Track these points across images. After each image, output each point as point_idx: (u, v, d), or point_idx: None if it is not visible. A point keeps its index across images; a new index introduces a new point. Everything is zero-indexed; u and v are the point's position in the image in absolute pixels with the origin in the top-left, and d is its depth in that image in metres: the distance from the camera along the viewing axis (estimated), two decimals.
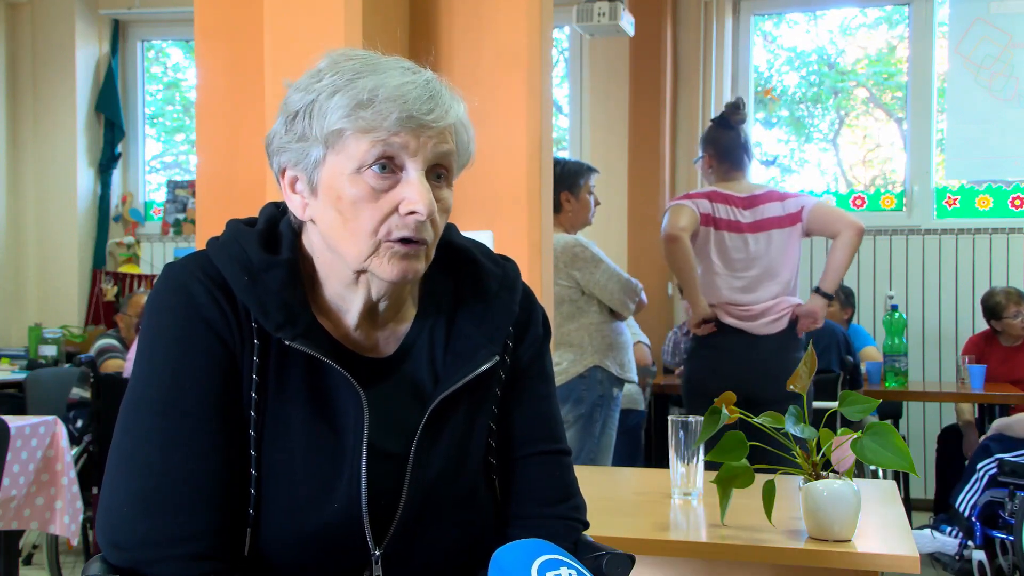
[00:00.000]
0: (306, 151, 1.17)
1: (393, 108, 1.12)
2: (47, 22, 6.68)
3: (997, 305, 5.00)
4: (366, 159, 1.14)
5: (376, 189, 1.14)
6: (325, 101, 1.14)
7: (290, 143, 1.18)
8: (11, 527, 3.13)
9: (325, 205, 1.17)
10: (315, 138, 1.15)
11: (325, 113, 1.14)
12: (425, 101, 1.14)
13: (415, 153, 1.14)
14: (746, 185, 3.65)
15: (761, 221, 3.56)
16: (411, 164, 1.15)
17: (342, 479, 1.16)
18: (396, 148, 1.14)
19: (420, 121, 1.13)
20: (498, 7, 2.59)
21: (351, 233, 1.15)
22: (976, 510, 3.91)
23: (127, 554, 1.11)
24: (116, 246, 6.90)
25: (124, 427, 1.15)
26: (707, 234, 3.57)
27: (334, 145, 1.15)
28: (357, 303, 1.21)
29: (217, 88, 2.76)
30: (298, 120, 1.17)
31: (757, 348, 3.48)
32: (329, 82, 1.15)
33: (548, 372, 1.35)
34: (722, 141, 3.67)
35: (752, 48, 6.30)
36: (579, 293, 3.66)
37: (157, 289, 1.19)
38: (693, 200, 3.58)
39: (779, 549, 1.69)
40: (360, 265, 1.17)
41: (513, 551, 1.11)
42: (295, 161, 1.18)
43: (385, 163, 1.14)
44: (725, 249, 3.56)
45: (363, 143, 1.13)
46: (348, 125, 1.13)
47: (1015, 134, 5.71)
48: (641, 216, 5.98)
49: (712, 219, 3.55)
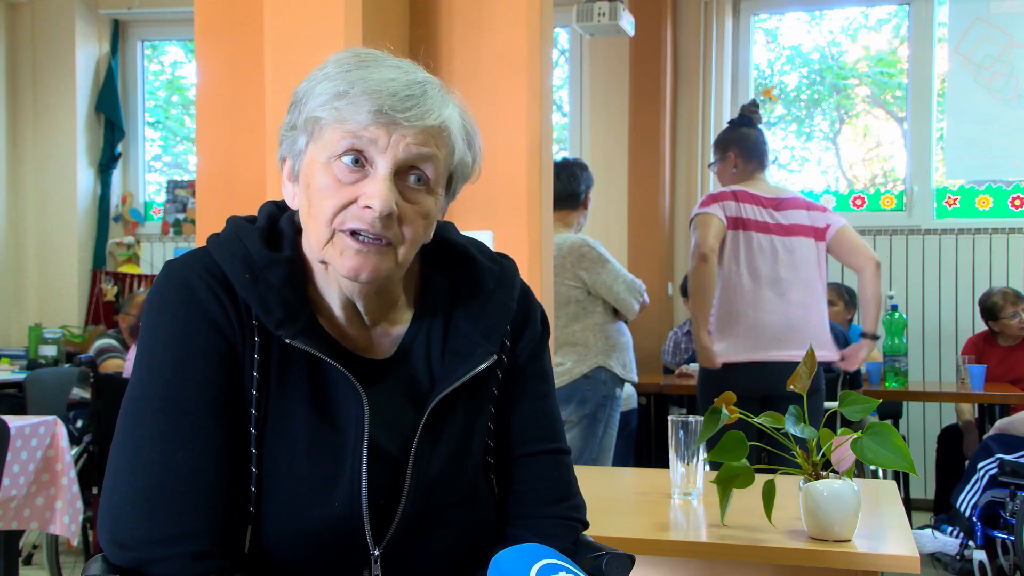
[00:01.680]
0: (295, 139, 1.19)
1: (367, 102, 1.12)
2: (47, 22, 6.68)
3: (995, 306, 5.00)
4: (336, 150, 1.14)
5: (342, 181, 1.14)
6: (312, 90, 1.16)
7: (286, 132, 1.21)
8: (11, 527, 3.13)
9: (300, 192, 1.19)
10: (301, 127, 1.17)
11: (308, 101, 1.16)
12: (404, 99, 1.13)
13: (385, 150, 1.14)
14: (771, 187, 3.63)
15: (791, 226, 3.52)
16: (380, 161, 1.14)
17: (343, 477, 1.16)
18: (365, 142, 1.14)
19: (393, 118, 1.13)
20: (498, 7, 2.59)
21: (313, 219, 1.16)
22: (977, 510, 3.91)
23: (130, 553, 1.11)
24: (116, 246, 6.90)
25: (125, 425, 1.15)
26: (735, 237, 3.49)
27: (312, 133, 1.16)
28: (335, 300, 1.22)
29: (217, 88, 2.75)
30: (292, 109, 1.20)
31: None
32: (322, 73, 1.17)
33: (547, 370, 1.35)
34: (749, 139, 3.64)
35: (752, 48, 6.30)
36: (585, 293, 3.66)
37: (158, 286, 1.18)
38: (720, 203, 3.50)
39: (779, 549, 1.69)
40: (320, 254, 1.17)
41: (512, 555, 1.11)
42: (286, 150, 1.21)
43: (356, 157, 1.14)
44: (752, 251, 3.48)
45: (336, 133, 1.14)
46: (324, 114, 1.14)
47: (1015, 134, 5.71)
48: (641, 216, 5.98)
49: (741, 221, 3.48)
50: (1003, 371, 5.00)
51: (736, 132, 3.68)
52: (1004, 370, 5.00)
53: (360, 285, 1.18)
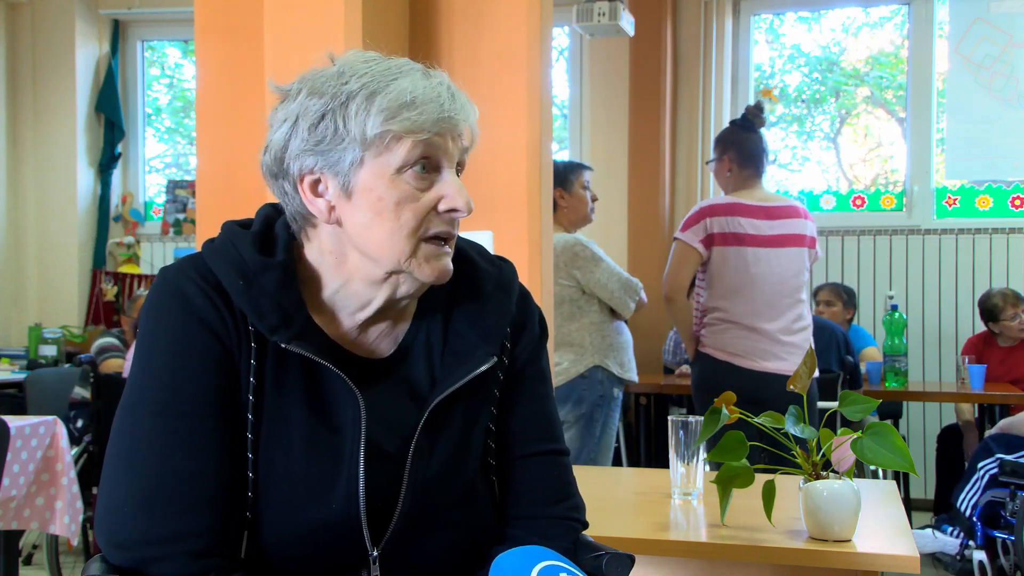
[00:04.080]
0: (338, 154, 1.16)
1: (432, 109, 1.15)
2: (47, 22, 6.68)
3: (995, 307, 5.00)
4: (408, 159, 1.15)
5: (417, 189, 1.17)
6: (363, 102, 1.15)
7: (316, 146, 1.17)
8: (11, 527, 3.13)
9: (362, 207, 1.17)
10: (352, 139, 1.15)
11: (366, 114, 1.14)
12: (454, 102, 1.17)
13: (448, 152, 1.18)
14: (764, 193, 3.59)
15: (782, 236, 3.49)
16: (445, 163, 1.18)
17: (340, 478, 1.16)
18: (435, 148, 1.17)
19: (453, 121, 1.17)
20: (498, 6, 2.59)
21: (390, 234, 1.16)
22: (977, 510, 3.91)
23: (129, 553, 1.11)
24: (116, 246, 6.90)
25: (122, 429, 1.15)
26: (723, 253, 3.46)
27: (374, 146, 1.15)
28: (377, 302, 1.22)
29: (217, 88, 2.75)
30: (325, 122, 1.16)
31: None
32: (358, 84, 1.16)
33: (545, 372, 1.35)
34: (746, 144, 3.58)
35: (752, 48, 6.30)
36: (580, 293, 3.66)
37: (153, 292, 1.19)
38: (706, 220, 3.46)
39: (779, 549, 1.69)
40: (398, 266, 1.18)
41: (513, 557, 1.11)
42: (323, 164, 1.17)
43: (425, 164, 1.16)
44: (743, 263, 3.45)
45: (405, 144, 1.15)
46: (392, 126, 1.14)
47: (1015, 134, 5.71)
48: (641, 216, 5.98)
49: (732, 236, 3.45)
50: (1003, 371, 5.00)
51: (735, 135, 3.62)
52: (1004, 370, 5.00)
53: (425, 287, 1.22)
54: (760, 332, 3.44)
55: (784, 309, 3.48)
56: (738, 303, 3.44)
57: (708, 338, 3.50)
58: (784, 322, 3.48)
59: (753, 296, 3.44)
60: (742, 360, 3.43)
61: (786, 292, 3.48)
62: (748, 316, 3.44)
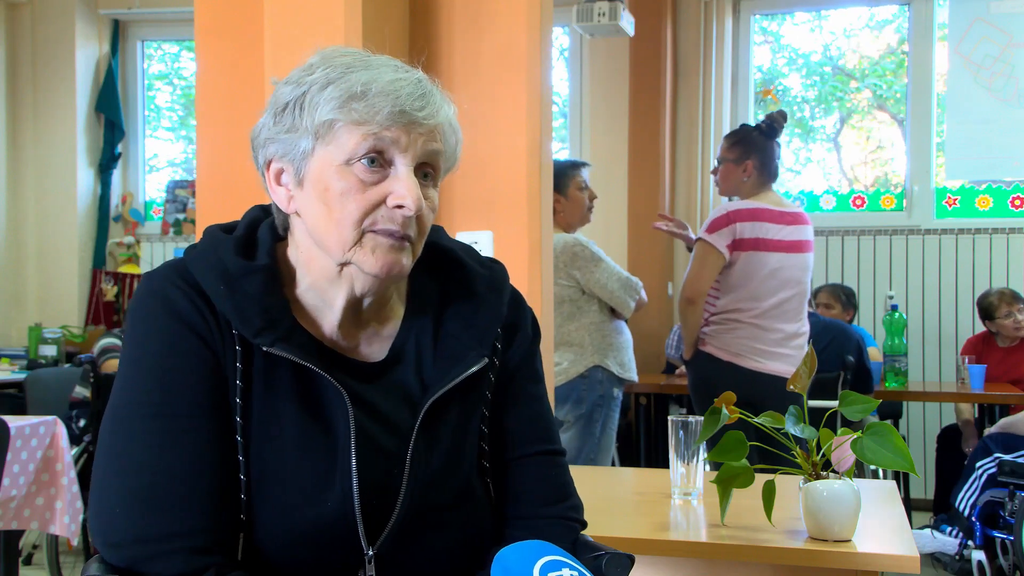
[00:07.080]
0: (295, 142, 1.17)
1: (386, 102, 1.13)
2: (47, 22, 6.68)
3: (990, 306, 5.01)
4: (356, 151, 1.14)
5: (364, 182, 1.15)
6: (317, 93, 1.15)
7: (278, 134, 1.18)
8: (11, 527, 3.13)
9: (312, 197, 1.17)
10: (305, 129, 1.16)
11: (317, 104, 1.15)
12: (417, 98, 1.15)
13: (405, 149, 1.15)
14: (777, 198, 3.65)
15: (799, 242, 3.55)
16: (400, 160, 1.16)
17: (334, 477, 1.16)
18: (387, 143, 1.14)
19: (412, 117, 1.14)
20: (498, 7, 2.59)
21: (336, 223, 1.15)
22: (976, 510, 3.91)
23: (125, 552, 1.11)
24: (116, 246, 6.90)
25: (113, 430, 1.15)
26: (747, 257, 3.47)
27: (324, 136, 1.15)
28: (340, 300, 1.21)
29: (217, 88, 2.75)
30: (287, 112, 1.17)
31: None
32: (321, 75, 1.16)
33: (539, 373, 1.35)
34: (771, 152, 3.63)
35: (752, 48, 6.30)
36: (579, 292, 3.66)
37: (137, 297, 1.19)
38: (733, 225, 3.47)
39: (779, 549, 1.69)
40: (344, 257, 1.17)
41: (516, 552, 1.11)
42: (282, 152, 1.19)
43: (375, 157, 1.15)
44: (766, 269, 3.47)
45: (354, 135, 1.14)
46: (340, 116, 1.14)
47: (1015, 134, 5.71)
48: (641, 216, 5.97)
49: (758, 241, 3.47)
50: (1003, 371, 5.00)
51: (760, 140, 3.64)
52: (1004, 370, 5.00)
53: (379, 282, 1.19)
54: (773, 332, 3.47)
55: (800, 312, 3.56)
56: (759, 307, 3.48)
57: (712, 337, 3.51)
58: (797, 325, 3.55)
59: (774, 300, 3.49)
60: (744, 360, 3.45)
61: (800, 295, 3.56)
62: (766, 318, 3.48)
